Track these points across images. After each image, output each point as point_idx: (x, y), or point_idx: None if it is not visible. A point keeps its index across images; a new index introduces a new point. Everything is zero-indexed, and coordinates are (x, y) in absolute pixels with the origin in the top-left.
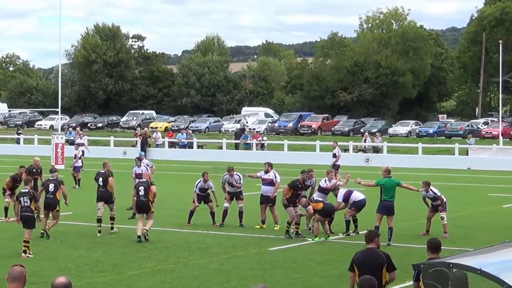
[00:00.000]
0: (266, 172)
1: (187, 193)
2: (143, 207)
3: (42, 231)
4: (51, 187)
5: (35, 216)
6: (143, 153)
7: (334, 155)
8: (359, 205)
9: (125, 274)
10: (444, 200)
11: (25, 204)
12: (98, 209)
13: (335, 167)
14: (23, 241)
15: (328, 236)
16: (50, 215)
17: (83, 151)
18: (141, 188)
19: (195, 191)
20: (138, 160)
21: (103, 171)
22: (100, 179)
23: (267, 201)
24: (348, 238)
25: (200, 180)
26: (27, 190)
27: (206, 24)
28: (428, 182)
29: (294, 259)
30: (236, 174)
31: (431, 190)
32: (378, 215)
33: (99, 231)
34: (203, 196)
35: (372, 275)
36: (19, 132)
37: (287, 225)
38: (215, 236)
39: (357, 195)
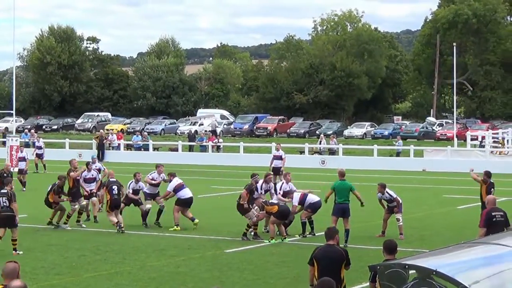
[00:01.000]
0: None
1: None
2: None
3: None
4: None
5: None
6: (95, 156)
7: (280, 157)
8: (314, 207)
9: (82, 277)
10: (400, 201)
11: (4, 204)
12: (112, 216)
13: (278, 170)
14: (11, 240)
15: (284, 238)
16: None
17: (39, 154)
18: (115, 187)
19: (128, 191)
20: (89, 164)
21: (114, 179)
22: (115, 187)
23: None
24: (304, 240)
25: (132, 181)
26: (6, 191)
27: (162, 26)
28: (383, 184)
29: (250, 261)
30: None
31: (386, 192)
32: (333, 217)
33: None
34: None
35: (331, 270)
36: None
37: (246, 228)
38: (171, 238)
39: (312, 197)
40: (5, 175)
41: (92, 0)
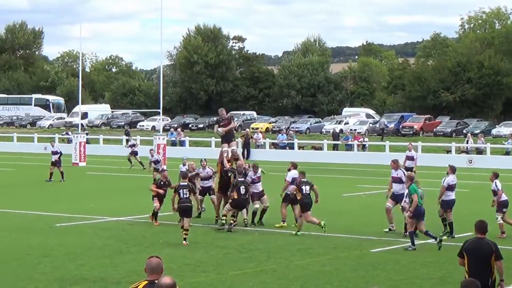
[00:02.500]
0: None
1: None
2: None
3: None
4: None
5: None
6: (185, 158)
7: (412, 158)
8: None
9: (227, 275)
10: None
11: (184, 196)
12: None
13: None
14: (183, 229)
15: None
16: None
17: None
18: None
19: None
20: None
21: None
22: (243, 187)
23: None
24: (450, 240)
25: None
26: (186, 183)
27: (307, 25)
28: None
29: (396, 260)
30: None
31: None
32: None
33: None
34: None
35: (481, 263)
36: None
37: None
38: (316, 237)
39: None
40: (161, 183)
41: (238, 0)
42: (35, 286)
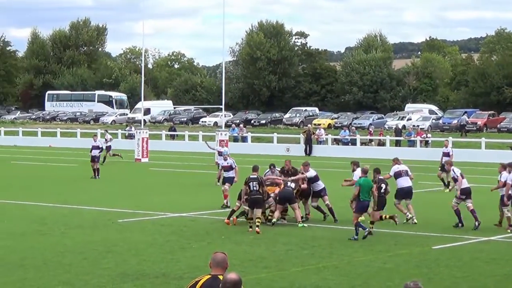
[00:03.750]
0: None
1: (348, 190)
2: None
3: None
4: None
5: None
6: (226, 152)
7: (448, 154)
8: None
9: (289, 271)
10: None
11: (254, 188)
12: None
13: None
14: (252, 220)
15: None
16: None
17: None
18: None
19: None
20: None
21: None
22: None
23: None
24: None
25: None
26: (255, 176)
27: (369, 21)
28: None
29: (459, 257)
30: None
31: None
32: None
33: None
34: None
35: None
36: (127, 128)
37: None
38: (378, 234)
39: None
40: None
41: None
42: (99, 281)
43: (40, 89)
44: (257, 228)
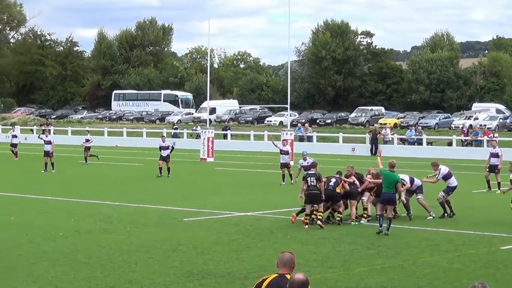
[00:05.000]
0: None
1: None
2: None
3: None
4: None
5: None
6: (305, 153)
7: (497, 155)
8: None
9: (354, 271)
10: None
11: (312, 184)
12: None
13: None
14: (311, 214)
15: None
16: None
17: None
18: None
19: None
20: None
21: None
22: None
23: None
24: None
25: None
26: (314, 172)
27: (436, 20)
28: None
29: None
30: None
31: None
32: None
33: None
34: None
35: None
36: (174, 127)
37: None
38: (445, 234)
39: None
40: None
41: None
42: (164, 280)
43: (107, 89)
44: (318, 222)
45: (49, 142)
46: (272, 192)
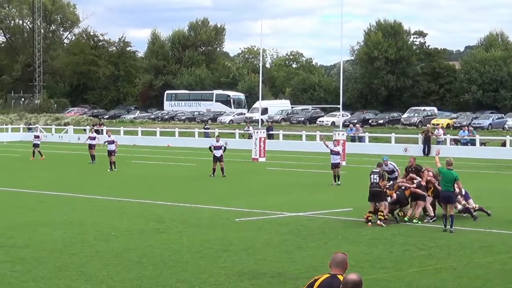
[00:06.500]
0: None
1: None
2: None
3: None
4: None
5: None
6: (386, 158)
7: None
8: None
9: (406, 272)
10: None
11: (374, 181)
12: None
13: None
14: (378, 211)
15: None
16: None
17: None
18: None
19: None
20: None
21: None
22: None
23: None
24: None
25: None
26: (378, 170)
27: (490, 19)
28: None
29: None
30: None
31: None
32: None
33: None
34: None
35: None
36: (206, 127)
37: None
38: (498, 235)
39: None
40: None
41: None
42: (216, 280)
43: (159, 89)
44: (378, 222)
45: (112, 142)
46: (323, 192)
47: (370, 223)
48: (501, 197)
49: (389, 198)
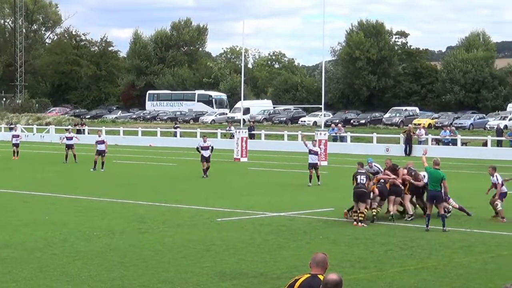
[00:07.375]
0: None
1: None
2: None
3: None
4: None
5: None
6: (370, 160)
7: None
8: None
9: (387, 272)
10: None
11: (361, 182)
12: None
13: None
14: (356, 212)
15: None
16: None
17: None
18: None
19: None
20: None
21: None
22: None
23: None
24: None
25: None
26: (363, 171)
27: (471, 20)
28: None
29: None
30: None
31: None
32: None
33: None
34: None
35: None
36: (175, 126)
37: None
38: (478, 235)
39: None
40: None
41: None
42: (197, 280)
43: (141, 89)
44: (359, 223)
45: (102, 142)
46: (305, 192)
47: (355, 223)
48: (482, 197)
49: (371, 194)
